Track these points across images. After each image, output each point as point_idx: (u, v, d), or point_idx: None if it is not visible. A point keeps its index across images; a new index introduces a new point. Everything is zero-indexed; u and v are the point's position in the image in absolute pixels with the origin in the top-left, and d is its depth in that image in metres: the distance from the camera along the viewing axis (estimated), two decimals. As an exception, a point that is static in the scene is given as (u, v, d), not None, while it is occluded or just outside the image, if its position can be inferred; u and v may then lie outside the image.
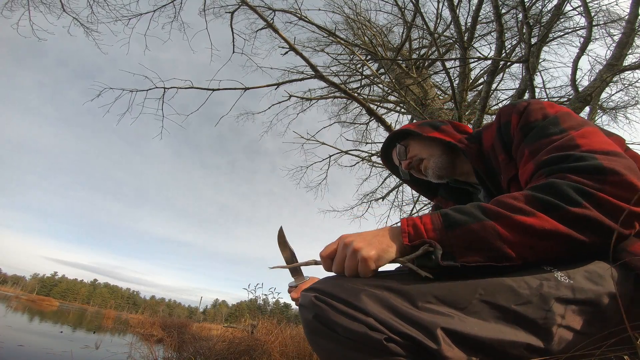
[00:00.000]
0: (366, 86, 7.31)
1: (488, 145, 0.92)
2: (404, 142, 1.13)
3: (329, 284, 0.60)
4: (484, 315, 0.54)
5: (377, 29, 6.82)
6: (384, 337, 0.51)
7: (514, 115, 0.82)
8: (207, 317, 69.39)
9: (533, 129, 0.76)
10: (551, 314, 0.54)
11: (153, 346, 3.58)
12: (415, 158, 1.10)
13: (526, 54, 2.88)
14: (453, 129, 1.07)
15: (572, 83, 3.15)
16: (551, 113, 0.76)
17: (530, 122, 0.77)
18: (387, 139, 1.20)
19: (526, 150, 0.74)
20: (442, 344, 0.50)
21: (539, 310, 0.54)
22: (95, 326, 9.34)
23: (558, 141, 0.69)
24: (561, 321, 0.54)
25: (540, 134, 0.73)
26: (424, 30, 5.69)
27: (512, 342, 0.52)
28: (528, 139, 0.76)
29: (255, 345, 3.52)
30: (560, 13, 3.34)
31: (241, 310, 6.20)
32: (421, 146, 1.09)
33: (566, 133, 0.70)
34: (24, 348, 3.56)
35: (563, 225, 0.56)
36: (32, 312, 10.76)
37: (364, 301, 0.54)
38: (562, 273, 0.59)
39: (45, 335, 5.29)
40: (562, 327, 0.54)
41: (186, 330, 6.14)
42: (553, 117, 0.75)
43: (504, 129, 0.85)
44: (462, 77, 3.77)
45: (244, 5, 4.30)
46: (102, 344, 4.46)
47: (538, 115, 0.77)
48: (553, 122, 0.74)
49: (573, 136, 0.68)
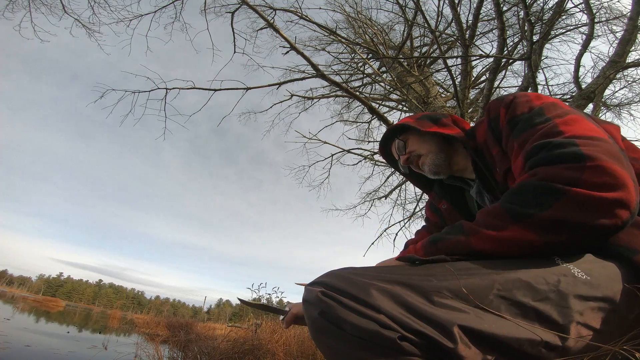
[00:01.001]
0: (368, 85, 7.29)
1: (481, 141, 0.93)
2: (403, 137, 1.13)
3: (336, 278, 0.56)
4: (502, 312, 0.51)
5: (378, 27, 6.81)
6: (397, 336, 0.47)
7: (502, 108, 0.82)
8: (211, 316, 69.62)
9: (519, 122, 0.76)
10: (569, 310, 0.52)
11: (159, 346, 3.60)
12: (413, 153, 1.10)
13: (528, 51, 2.87)
14: (453, 123, 1.07)
15: (575, 80, 3.14)
16: (537, 104, 0.76)
17: (516, 115, 0.77)
18: (386, 132, 1.20)
19: (515, 144, 0.74)
20: (459, 342, 0.47)
21: (558, 307, 0.52)
22: (102, 326, 9.41)
23: (542, 130, 0.69)
24: (579, 318, 0.53)
25: (526, 125, 0.73)
26: (425, 28, 5.67)
27: (530, 340, 0.50)
28: (515, 132, 0.76)
29: (260, 345, 3.53)
30: (562, 10, 3.32)
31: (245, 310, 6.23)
32: (420, 141, 1.10)
33: (550, 121, 0.70)
34: (31, 348, 3.60)
35: (535, 233, 0.56)
36: (38, 313, 10.86)
37: (375, 297, 0.51)
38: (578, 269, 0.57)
39: (52, 336, 5.34)
40: (579, 324, 0.53)
41: (191, 329, 6.18)
42: (538, 108, 0.75)
43: (494, 123, 0.85)
44: (464, 75, 3.76)
45: (244, 5, 4.31)
46: (109, 344, 4.50)
47: (524, 108, 0.77)
48: (538, 113, 0.74)
49: (556, 123, 0.68)
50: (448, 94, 6.02)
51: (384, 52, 5.94)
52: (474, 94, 5.78)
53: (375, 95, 7.33)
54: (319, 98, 6.67)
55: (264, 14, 4.03)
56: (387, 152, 1.26)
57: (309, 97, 6.53)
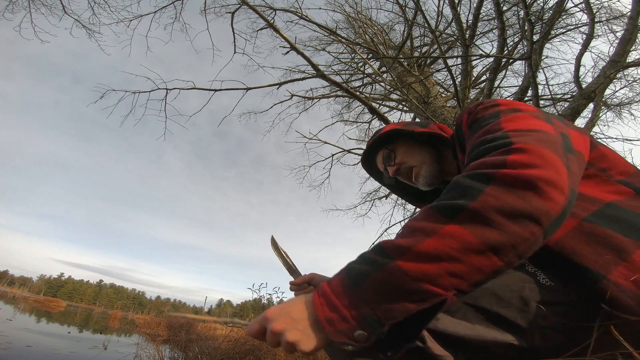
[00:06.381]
0: (368, 85, 7.29)
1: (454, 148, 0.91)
2: (391, 146, 1.04)
3: None
4: (468, 317, 0.57)
5: (378, 27, 6.81)
6: None
7: (464, 115, 0.79)
8: (212, 316, 69.69)
9: (475, 124, 0.72)
10: (531, 315, 0.57)
11: (159, 346, 3.61)
12: (404, 165, 1.00)
13: (528, 51, 2.87)
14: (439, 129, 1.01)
15: (575, 80, 3.14)
16: (497, 108, 0.70)
17: (477, 119, 0.73)
18: (370, 142, 1.07)
19: (468, 147, 0.71)
20: (428, 341, 0.54)
21: (520, 312, 0.57)
22: (102, 327, 9.42)
23: (485, 129, 0.65)
24: (542, 322, 0.57)
25: (478, 127, 0.69)
26: (425, 28, 5.67)
27: (494, 342, 0.56)
28: (471, 134, 0.72)
29: (261, 345, 3.53)
30: (562, 10, 3.32)
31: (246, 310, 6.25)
32: (410, 152, 1.01)
33: (496, 120, 0.65)
34: (32, 349, 3.61)
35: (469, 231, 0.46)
36: (39, 313, 10.87)
37: None
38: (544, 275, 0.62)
39: (53, 336, 5.35)
40: (544, 327, 0.57)
41: (192, 330, 6.19)
42: (496, 111, 0.69)
43: (458, 130, 0.84)
44: (465, 75, 3.77)
45: (244, 5, 4.31)
46: (109, 344, 4.51)
47: (485, 112, 0.72)
48: (493, 114, 0.68)
49: (500, 121, 0.64)
50: (448, 93, 6.02)
51: (384, 52, 5.94)
52: (474, 93, 5.77)
53: (375, 95, 7.33)
54: (319, 98, 6.67)
55: (264, 14, 4.03)
56: (370, 162, 1.15)
57: (309, 97, 6.53)
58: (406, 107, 6.70)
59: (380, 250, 0.51)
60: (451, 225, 0.47)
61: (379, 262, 0.49)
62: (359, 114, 7.68)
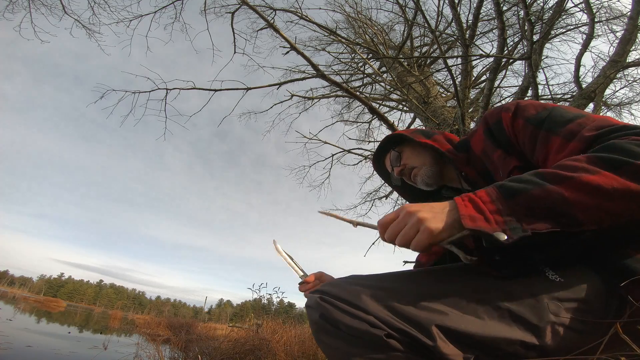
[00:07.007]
0: (368, 85, 7.28)
1: (478, 150, 0.92)
2: (399, 149, 1.13)
3: (333, 286, 0.65)
4: (479, 313, 0.57)
5: (378, 27, 6.81)
6: (384, 334, 0.55)
7: (504, 114, 0.82)
8: (212, 316, 69.69)
9: (544, 119, 0.73)
10: (543, 311, 0.56)
11: (159, 346, 3.61)
12: (408, 166, 1.09)
13: (528, 51, 2.87)
14: (444, 139, 1.07)
15: (575, 80, 3.14)
16: (545, 107, 0.76)
17: (533, 114, 0.76)
18: (380, 144, 1.19)
19: (557, 138, 0.70)
20: (438, 340, 0.53)
21: (532, 308, 0.57)
22: (103, 327, 9.42)
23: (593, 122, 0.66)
24: (554, 318, 0.56)
25: (560, 120, 0.71)
26: (425, 28, 5.67)
27: (506, 339, 0.55)
28: (546, 127, 0.72)
29: (261, 345, 3.54)
30: (562, 10, 3.31)
31: (246, 310, 6.25)
32: (414, 154, 1.09)
33: (585, 117, 0.68)
34: (32, 348, 3.61)
35: (632, 182, 0.51)
36: (39, 313, 10.87)
37: (364, 301, 0.58)
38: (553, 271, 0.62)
39: (53, 336, 5.35)
40: (555, 324, 0.56)
41: (192, 330, 6.19)
42: (552, 108, 0.74)
43: (495, 128, 0.85)
44: (465, 75, 3.76)
45: (244, 5, 4.31)
46: (109, 344, 4.51)
47: (538, 108, 0.76)
48: (561, 112, 0.72)
49: (605, 117, 0.67)
50: (448, 93, 6.02)
51: (384, 52, 5.94)
52: (474, 93, 5.78)
53: (375, 95, 7.33)
54: (319, 98, 6.67)
55: (264, 14, 4.03)
56: (380, 164, 1.26)
57: (309, 97, 6.52)
58: (406, 107, 6.71)
59: (539, 175, 0.56)
60: (614, 172, 0.52)
61: (539, 183, 0.54)
62: (359, 114, 7.68)
